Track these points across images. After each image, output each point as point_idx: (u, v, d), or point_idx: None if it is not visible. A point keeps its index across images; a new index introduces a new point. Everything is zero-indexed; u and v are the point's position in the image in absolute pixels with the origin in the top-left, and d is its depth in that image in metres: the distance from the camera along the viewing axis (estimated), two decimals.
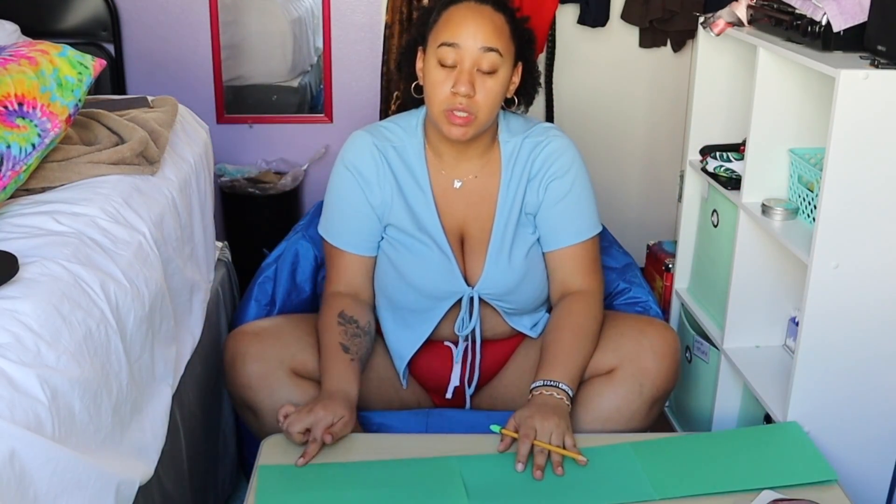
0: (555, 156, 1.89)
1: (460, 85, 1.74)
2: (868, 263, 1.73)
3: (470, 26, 1.76)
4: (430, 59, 1.79)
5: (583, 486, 1.60)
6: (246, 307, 2.12)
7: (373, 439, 1.79)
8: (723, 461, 1.68)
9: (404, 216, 1.89)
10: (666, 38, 3.16)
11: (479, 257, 1.91)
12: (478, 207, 1.91)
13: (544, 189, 1.89)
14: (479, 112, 1.77)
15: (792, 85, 1.93)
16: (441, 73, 1.77)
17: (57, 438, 1.20)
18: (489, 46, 1.76)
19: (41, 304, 1.29)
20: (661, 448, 1.72)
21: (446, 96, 1.76)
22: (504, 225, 1.89)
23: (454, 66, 1.76)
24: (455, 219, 1.91)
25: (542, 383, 1.75)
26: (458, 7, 1.80)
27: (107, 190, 1.67)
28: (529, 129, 1.92)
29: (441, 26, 1.79)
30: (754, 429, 1.93)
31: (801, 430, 1.79)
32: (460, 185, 1.90)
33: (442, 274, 1.89)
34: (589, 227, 1.92)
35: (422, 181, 1.90)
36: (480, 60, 1.76)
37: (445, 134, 1.80)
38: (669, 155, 3.27)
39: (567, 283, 1.91)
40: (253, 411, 1.84)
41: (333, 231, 1.94)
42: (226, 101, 3.16)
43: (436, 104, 1.78)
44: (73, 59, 1.69)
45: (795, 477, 1.64)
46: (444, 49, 1.76)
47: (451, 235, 1.90)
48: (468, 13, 1.78)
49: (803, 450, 1.73)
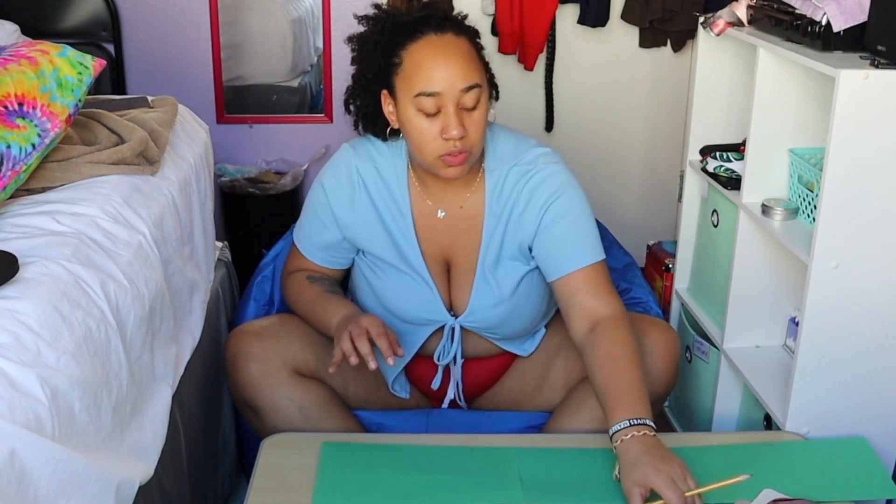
0: (544, 185, 1.79)
1: (451, 130, 1.65)
2: (868, 263, 1.73)
3: (445, 69, 1.66)
4: (407, 108, 1.69)
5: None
6: (244, 307, 2.12)
7: (373, 439, 1.79)
8: (780, 470, 1.67)
9: (383, 243, 1.84)
10: (666, 38, 3.16)
11: (465, 286, 1.85)
12: (464, 236, 1.84)
13: (538, 218, 1.79)
14: (473, 147, 1.70)
15: (792, 85, 1.93)
16: (425, 122, 1.67)
17: (57, 438, 1.20)
18: (470, 85, 1.66)
19: (41, 304, 1.29)
20: (722, 454, 1.71)
21: (437, 143, 1.68)
22: (490, 256, 1.82)
23: (437, 112, 1.67)
24: (439, 246, 1.85)
25: (629, 423, 1.55)
26: (421, 46, 1.68)
27: (107, 190, 1.67)
28: (518, 156, 1.82)
29: (410, 73, 1.68)
30: (817, 441, 1.83)
31: (868, 444, 1.77)
32: (444, 215, 1.84)
33: (422, 303, 1.85)
34: (595, 251, 1.79)
35: (403, 207, 1.83)
36: (463, 100, 1.66)
37: (442, 176, 1.73)
38: (669, 155, 3.27)
39: (592, 308, 1.75)
40: (254, 410, 1.84)
41: (304, 240, 1.94)
42: (226, 101, 3.16)
43: (427, 152, 1.70)
44: (73, 59, 1.69)
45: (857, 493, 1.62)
46: (423, 99, 1.66)
47: (433, 263, 1.85)
48: (436, 53, 1.67)
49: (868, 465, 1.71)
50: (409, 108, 1.69)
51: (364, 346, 1.66)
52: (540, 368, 1.95)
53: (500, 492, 1.57)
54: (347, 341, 1.67)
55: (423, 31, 1.69)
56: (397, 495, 1.56)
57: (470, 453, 1.67)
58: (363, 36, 1.80)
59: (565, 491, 1.58)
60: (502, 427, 1.91)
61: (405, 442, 1.73)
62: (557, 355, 1.93)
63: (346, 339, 1.68)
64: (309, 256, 1.93)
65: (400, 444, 1.72)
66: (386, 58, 1.72)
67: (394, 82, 1.71)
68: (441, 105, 1.66)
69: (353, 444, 1.71)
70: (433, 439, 1.76)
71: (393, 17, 1.77)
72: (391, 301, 1.86)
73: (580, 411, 1.82)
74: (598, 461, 1.65)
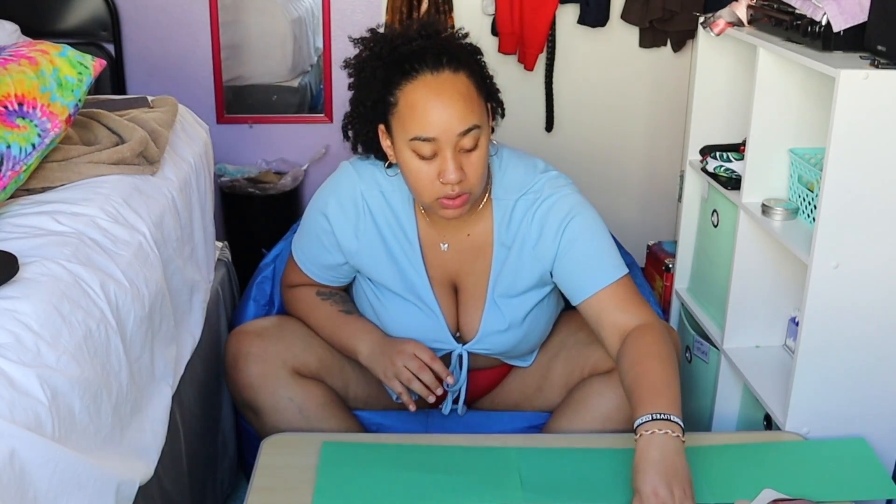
0: (553, 211, 1.75)
1: (448, 174, 1.60)
2: (868, 263, 1.73)
3: (441, 114, 1.59)
4: (403, 150, 1.64)
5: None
6: (244, 307, 2.12)
7: (373, 439, 1.79)
8: (780, 470, 1.67)
9: (388, 271, 1.80)
10: (666, 38, 3.16)
11: (475, 312, 1.83)
12: (472, 263, 1.81)
13: (556, 244, 1.75)
14: (473, 188, 1.65)
15: (792, 85, 1.93)
16: (422, 165, 1.63)
17: (57, 438, 1.20)
18: (468, 128, 1.60)
19: (41, 304, 1.29)
20: (723, 454, 1.71)
21: (434, 186, 1.63)
22: (502, 285, 1.80)
23: (433, 155, 1.62)
24: (446, 271, 1.82)
25: (651, 417, 1.51)
26: (416, 87, 1.61)
27: (107, 190, 1.67)
28: (526, 185, 1.77)
29: (406, 115, 1.62)
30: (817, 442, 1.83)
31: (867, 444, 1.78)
32: (447, 247, 1.80)
33: (427, 332, 1.82)
34: (617, 268, 1.75)
35: (410, 234, 1.79)
36: (461, 143, 1.61)
37: (441, 216, 1.70)
38: (669, 155, 3.27)
39: (622, 324, 1.71)
40: (254, 411, 1.84)
41: (305, 259, 1.92)
42: (226, 101, 3.16)
43: (424, 195, 1.66)
44: (73, 59, 1.69)
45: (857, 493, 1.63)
46: (419, 143, 1.61)
47: (440, 288, 1.82)
48: (432, 96, 1.60)
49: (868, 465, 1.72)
50: (404, 150, 1.64)
51: (428, 377, 1.69)
52: (540, 370, 1.95)
53: (500, 492, 1.57)
54: (416, 382, 1.71)
55: (419, 69, 1.62)
56: (397, 495, 1.56)
57: (470, 453, 1.67)
58: (360, 61, 1.73)
59: (565, 491, 1.58)
60: (502, 427, 1.91)
61: (405, 442, 1.73)
62: (557, 356, 1.93)
63: (409, 378, 1.71)
64: (310, 274, 1.92)
65: (400, 444, 1.72)
66: (381, 94, 1.66)
67: (390, 121, 1.66)
68: (437, 150, 1.61)
69: (353, 444, 1.71)
70: (433, 439, 1.76)
71: (389, 41, 1.69)
72: (395, 329, 1.83)
73: (580, 411, 1.82)
74: (598, 461, 1.65)
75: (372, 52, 1.70)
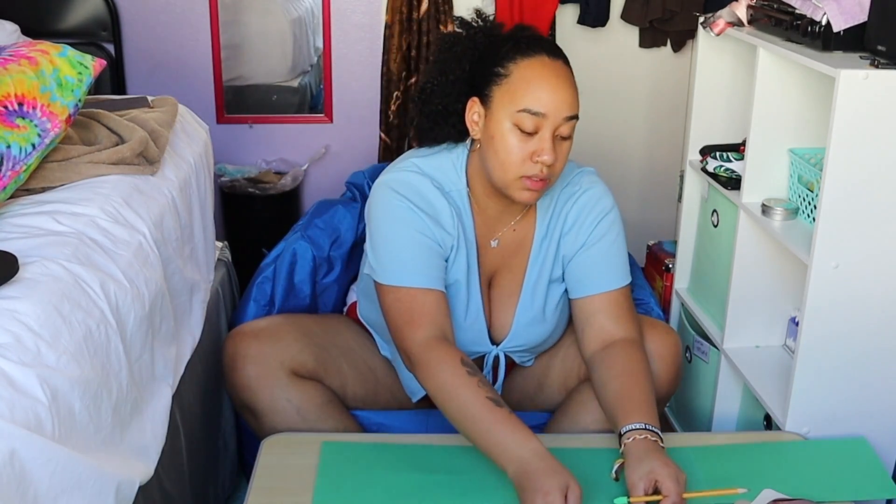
0: (590, 205, 1.81)
1: (545, 154, 1.63)
2: (868, 263, 1.73)
3: (556, 94, 1.64)
4: (502, 121, 1.65)
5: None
6: (245, 307, 2.12)
7: (373, 439, 1.79)
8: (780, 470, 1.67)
9: (456, 266, 1.78)
10: (666, 38, 3.16)
11: (507, 312, 1.84)
12: (511, 259, 1.84)
13: (587, 235, 1.80)
14: (554, 176, 1.69)
15: (792, 85, 1.93)
16: (518, 140, 1.64)
17: (57, 438, 1.20)
18: (573, 114, 1.67)
19: (41, 304, 1.29)
20: (722, 454, 1.72)
21: (524, 162, 1.65)
22: (535, 281, 1.83)
23: (533, 132, 1.64)
24: (488, 269, 1.84)
25: (644, 426, 1.59)
26: (533, 64, 1.66)
27: (107, 190, 1.67)
28: (567, 178, 1.83)
29: (518, 87, 1.65)
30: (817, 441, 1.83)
31: (868, 444, 1.78)
32: (497, 244, 1.82)
33: (473, 336, 1.81)
34: (625, 275, 1.82)
35: (469, 233, 1.79)
36: (562, 128, 1.66)
37: (515, 199, 1.70)
38: (669, 155, 3.27)
39: (609, 331, 1.77)
40: (252, 412, 1.84)
41: (398, 271, 1.71)
42: (226, 101, 3.16)
43: (510, 170, 1.66)
44: (73, 59, 1.69)
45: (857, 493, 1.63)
46: (526, 116, 1.63)
47: (483, 287, 1.83)
48: (550, 76, 1.65)
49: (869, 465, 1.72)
50: (504, 122, 1.65)
51: None
52: (540, 368, 1.95)
53: (499, 492, 1.56)
54: None
55: (537, 50, 1.68)
56: (397, 495, 1.56)
57: (470, 453, 1.66)
58: (456, 37, 1.77)
59: None
60: None
61: (405, 442, 1.73)
62: (556, 355, 1.94)
63: None
64: (416, 284, 1.70)
65: (400, 444, 1.72)
66: (487, 66, 1.69)
67: (492, 92, 1.68)
68: (540, 127, 1.64)
69: (352, 444, 1.71)
70: (433, 439, 1.76)
71: (490, 30, 1.76)
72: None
73: (581, 412, 1.82)
74: (598, 461, 1.65)
75: (469, 31, 1.76)
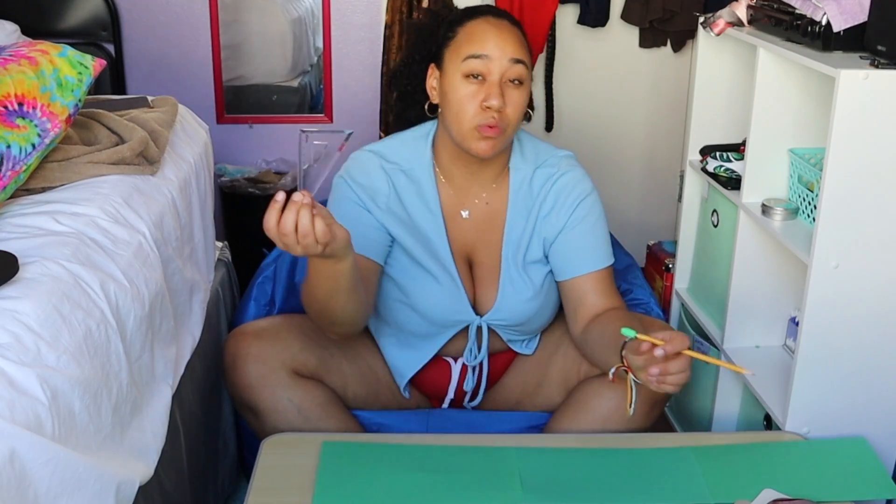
0: (569, 187, 1.85)
1: (492, 98, 1.70)
2: (868, 263, 1.73)
3: (497, 37, 1.73)
4: (453, 75, 1.74)
5: (638, 487, 1.60)
6: (245, 307, 2.12)
7: (373, 439, 1.79)
8: (780, 470, 1.67)
9: (414, 242, 1.83)
10: (666, 38, 3.16)
11: (490, 285, 1.87)
12: (487, 234, 1.87)
13: (566, 217, 1.84)
14: (508, 126, 1.73)
15: (792, 85, 1.93)
16: (469, 87, 1.72)
17: (57, 438, 1.20)
18: (517, 58, 1.73)
19: (41, 304, 1.29)
20: (722, 454, 1.72)
21: (476, 111, 1.71)
22: (513, 254, 1.86)
23: (481, 79, 1.72)
24: (464, 244, 1.88)
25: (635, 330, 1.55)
26: (478, 21, 1.77)
27: (107, 190, 1.67)
28: (543, 158, 1.88)
29: (463, 40, 1.76)
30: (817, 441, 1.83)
31: (868, 444, 1.78)
32: (468, 214, 1.86)
33: (451, 303, 1.85)
34: (609, 255, 1.87)
35: (432, 205, 1.84)
36: (509, 71, 1.72)
37: (473, 151, 1.74)
38: (669, 155, 3.27)
39: (599, 305, 1.82)
40: (253, 412, 1.84)
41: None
42: (226, 101, 3.16)
43: (465, 120, 1.73)
44: (73, 59, 1.69)
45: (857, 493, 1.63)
46: (472, 61, 1.72)
47: (459, 261, 1.87)
48: (490, 26, 1.76)
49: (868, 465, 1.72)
50: (455, 75, 1.74)
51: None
52: (540, 365, 1.95)
53: (500, 492, 1.57)
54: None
55: (483, 13, 1.80)
56: (397, 495, 1.56)
57: (470, 453, 1.67)
58: (419, 22, 1.93)
59: (565, 491, 1.58)
60: (502, 427, 1.91)
61: (405, 442, 1.73)
62: (556, 352, 1.94)
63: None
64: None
65: (400, 444, 1.72)
66: (441, 38, 1.80)
67: (443, 54, 1.78)
68: (488, 72, 1.71)
69: (353, 444, 1.71)
70: (433, 439, 1.76)
71: (451, 14, 1.88)
72: (421, 302, 1.84)
73: (580, 412, 1.82)
74: (598, 461, 1.65)
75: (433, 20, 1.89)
